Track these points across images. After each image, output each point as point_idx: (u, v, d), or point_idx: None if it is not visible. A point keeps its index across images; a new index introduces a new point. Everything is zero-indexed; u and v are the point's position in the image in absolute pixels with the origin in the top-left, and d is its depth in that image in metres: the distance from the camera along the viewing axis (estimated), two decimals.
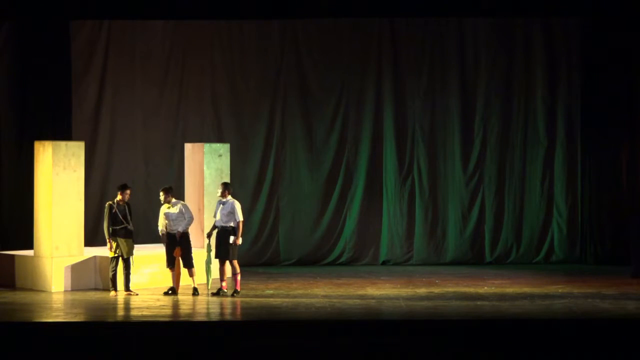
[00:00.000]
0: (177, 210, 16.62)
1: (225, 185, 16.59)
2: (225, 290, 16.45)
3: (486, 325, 13.87)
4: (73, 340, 13.27)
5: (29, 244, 17.86)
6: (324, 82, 21.23)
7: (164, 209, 16.72)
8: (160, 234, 16.76)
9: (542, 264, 21.17)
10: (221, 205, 16.46)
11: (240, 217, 16.38)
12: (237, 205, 16.43)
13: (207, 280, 16.73)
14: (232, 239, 16.28)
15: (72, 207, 17.23)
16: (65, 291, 16.92)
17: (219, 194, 16.53)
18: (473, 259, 21.25)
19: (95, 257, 17.39)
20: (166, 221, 16.66)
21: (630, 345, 13.23)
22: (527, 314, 14.53)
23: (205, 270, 16.72)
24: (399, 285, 17.73)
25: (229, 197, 16.54)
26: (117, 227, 16.54)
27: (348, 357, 13.02)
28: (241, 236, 16.41)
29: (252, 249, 20.82)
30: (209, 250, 16.66)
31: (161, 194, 16.77)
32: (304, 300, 15.98)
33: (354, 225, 21.21)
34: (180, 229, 16.60)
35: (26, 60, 20.17)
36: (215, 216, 16.62)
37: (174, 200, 16.77)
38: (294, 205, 21.15)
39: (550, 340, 13.39)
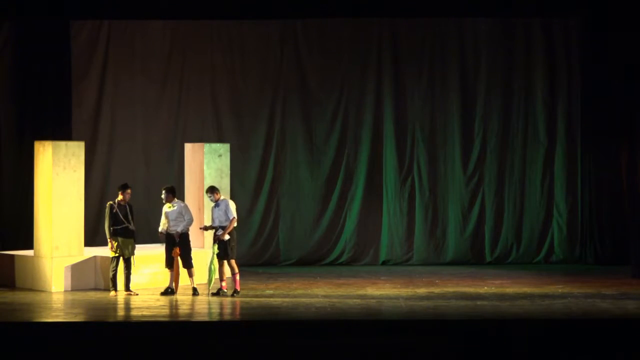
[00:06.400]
0: (177, 211, 16.62)
1: (212, 189, 16.57)
2: (225, 290, 16.45)
3: (486, 325, 13.87)
4: (73, 340, 13.27)
5: (29, 244, 17.86)
6: (324, 82, 21.23)
7: (165, 208, 16.74)
8: (159, 233, 16.79)
9: (542, 264, 21.16)
10: (216, 208, 16.47)
11: (233, 214, 16.39)
12: (231, 204, 16.47)
13: (209, 279, 16.59)
14: (219, 231, 16.29)
15: (72, 207, 17.23)
16: (65, 291, 16.92)
17: (210, 198, 16.50)
18: (473, 259, 21.25)
19: (95, 257, 17.39)
20: (166, 220, 16.69)
21: (630, 345, 13.23)
22: (527, 314, 14.53)
23: (209, 269, 16.56)
24: (399, 285, 17.73)
25: (220, 197, 16.55)
26: (118, 227, 16.54)
27: (348, 357, 13.03)
28: (229, 233, 16.36)
29: (252, 249, 20.83)
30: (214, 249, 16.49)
31: (163, 193, 16.77)
32: (304, 300, 15.98)
33: (354, 225, 21.21)
34: (179, 230, 16.60)
35: (26, 60, 20.17)
36: (211, 219, 16.68)
37: (175, 200, 16.78)
38: (294, 205, 21.15)
39: (550, 340, 13.39)
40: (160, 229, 16.75)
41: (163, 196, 16.75)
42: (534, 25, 21.31)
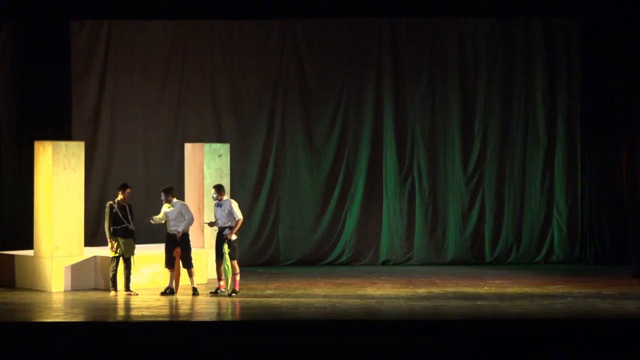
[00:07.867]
0: (177, 210, 16.63)
1: (218, 188, 16.58)
2: (224, 290, 16.45)
3: (486, 325, 13.87)
4: (73, 340, 13.27)
5: (29, 244, 17.86)
6: (324, 82, 21.23)
7: (164, 208, 16.75)
8: (150, 219, 16.77)
9: (542, 264, 21.16)
10: (218, 207, 16.47)
11: (239, 215, 16.41)
12: (235, 205, 16.45)
13: (226, 278, 16.39)
14: (226, 231, 16.29)
15: (72, 207, 17.23)
16: (65, 291, 16.92)
17: (214, 196, 16.52)
18: (473, 259, 21.25)
19: (95, 257, 17.39)
20: (163, 218, 16.69)
21: (630, 345, 13.23)
22: (527, 314, 14.53)
23: (223, 270, 16.43)
24: (399, 285, 17.73)
25: (225, 197, 16.56)
26: (118, 227, 16.54)
27: (348, 357, 13.03)
28: (235, 233, 16.38)
29: (252, 249, 20.82)
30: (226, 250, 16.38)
31: (162, 194, 16.78)
32: (304, 300, 15.98)
33: (354, 225, 21.21)
34: (180, 229, 16.61)
35: (26, 60, 20.18)
36: (214, 217, 16.65)
37: (174, 200, 16.78)
38: (294, 206, 21.15)
39: (550, 340, 13.39)
40: (153, 218, 16.72)
41: (162, 197, 16.76)
42: (534, 25, 21.31)
